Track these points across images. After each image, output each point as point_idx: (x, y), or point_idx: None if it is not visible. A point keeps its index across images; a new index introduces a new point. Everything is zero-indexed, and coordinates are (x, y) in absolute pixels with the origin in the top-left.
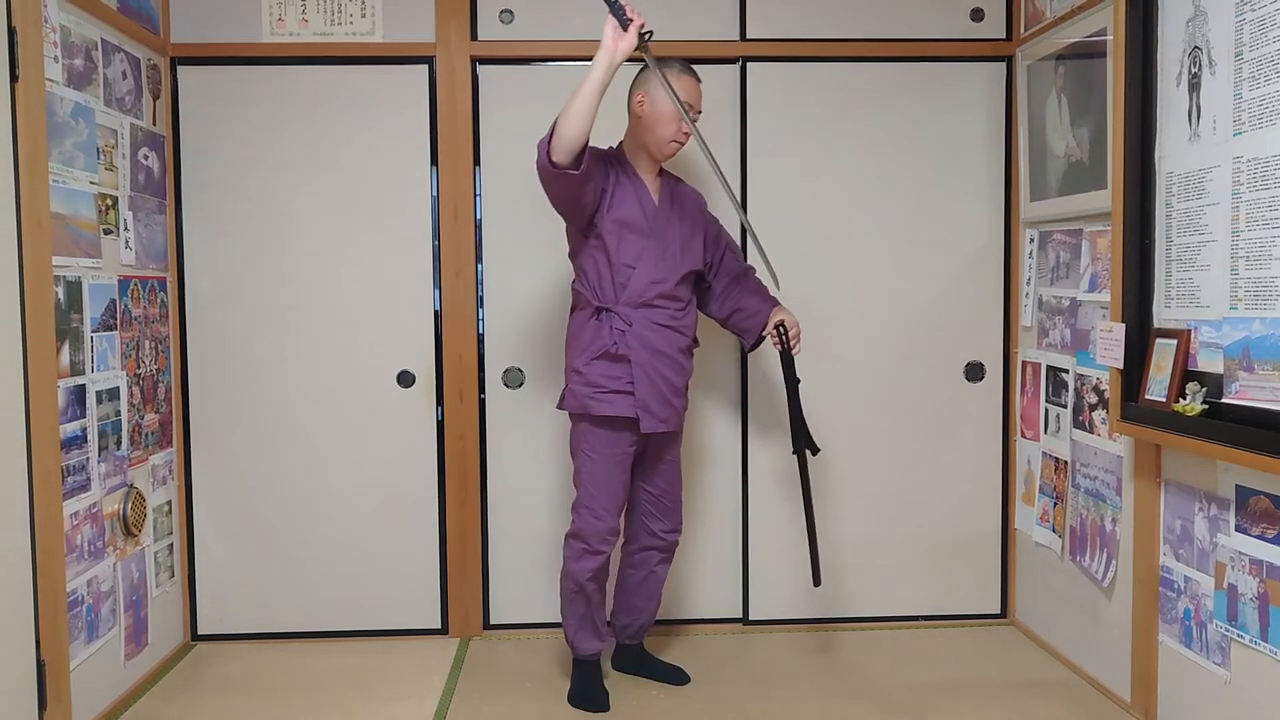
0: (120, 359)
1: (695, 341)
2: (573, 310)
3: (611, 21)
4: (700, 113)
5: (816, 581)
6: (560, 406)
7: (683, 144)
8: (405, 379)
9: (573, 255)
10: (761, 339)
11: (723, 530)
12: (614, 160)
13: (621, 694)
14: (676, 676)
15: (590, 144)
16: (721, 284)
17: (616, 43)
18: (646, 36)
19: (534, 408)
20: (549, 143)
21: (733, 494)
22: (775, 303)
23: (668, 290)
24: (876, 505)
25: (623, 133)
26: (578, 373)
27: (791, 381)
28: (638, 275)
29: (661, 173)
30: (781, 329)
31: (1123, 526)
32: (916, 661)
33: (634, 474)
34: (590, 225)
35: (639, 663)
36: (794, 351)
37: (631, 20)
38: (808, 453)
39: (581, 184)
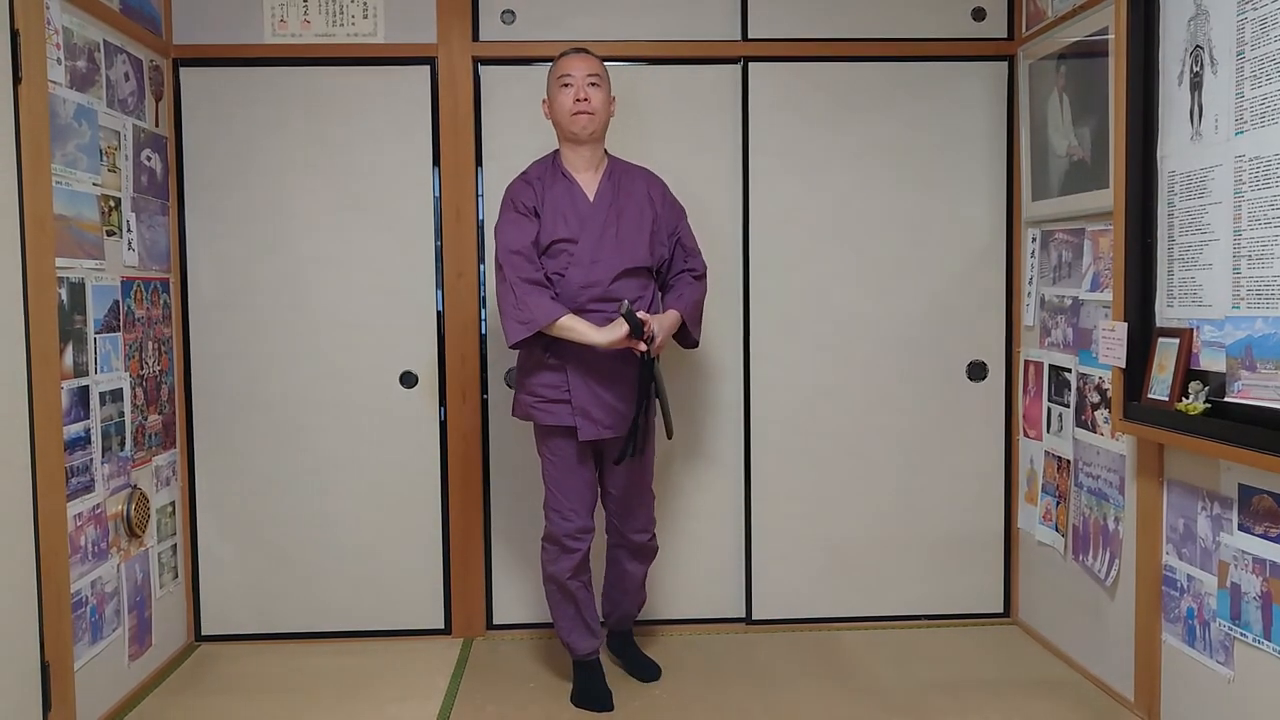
0: (123, 360)
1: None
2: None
3: (625, 329)
4: (594, 75)
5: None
6: (513, 415)
7: (585, 110)
8: (408, 379)
9: None
10: (691, 338)
11: (725, 530)
12: (543, 174)
13: (625, 694)
14: (646, 672)
15: (522, 180)
16: (672, 279)
17: (619, 340)
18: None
19: None
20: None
21: (735, 493)
22: (673, 309)
23: (601, 293)
24: (879, 505)
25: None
26: (522, 383)
27: (654, 379)
28: (568, 281)
29: (610, 171)
30: (631, 313)
31: (1125, 526)
32: (919, 661)
33: (600, 474)
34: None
35: (620, 650)
36: (651, 354)
37: (643, 345)
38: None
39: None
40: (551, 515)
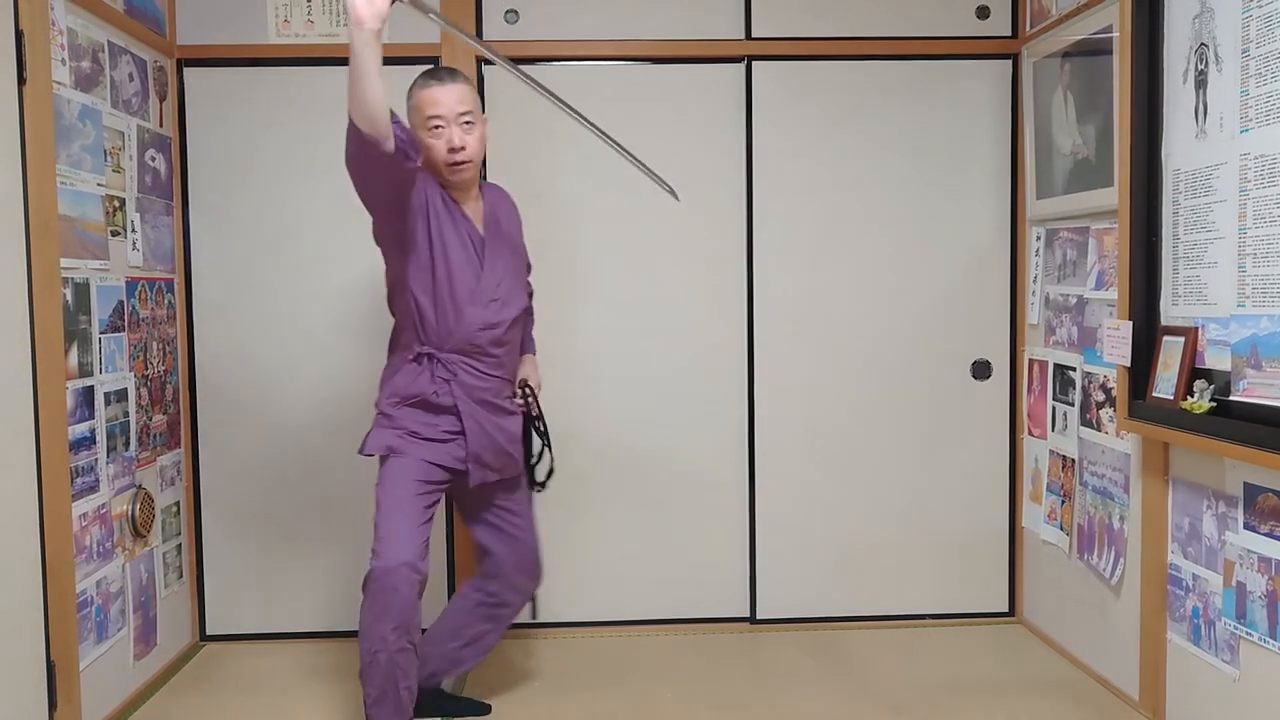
0: (128, 360)
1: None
2: (390, 348)
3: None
4: (468, 113)
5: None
6: (361, 452)
7: (463, 160)
8: None
9: (393, 287)
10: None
11: (729, 529)
12: (432, 182)
13: (627, 693)
14: (478, 709)
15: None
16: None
17: (365, 6)
18: None
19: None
20: (354, 140)
21: (739, 493)
22: (530, 352)
23: (500, 335)
24: (884, 504)
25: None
26: (386, 416)
27: (543, 436)
28: (467, 319)
29: (485, 196)
30: (526, 388)
31: (1130, 524)
32: (924, 660)
33: (476, 526)
34: (412, 245)
35: (439, 706)
36: (534, 412)
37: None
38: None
39: (411, 178)
40: (376, 553)
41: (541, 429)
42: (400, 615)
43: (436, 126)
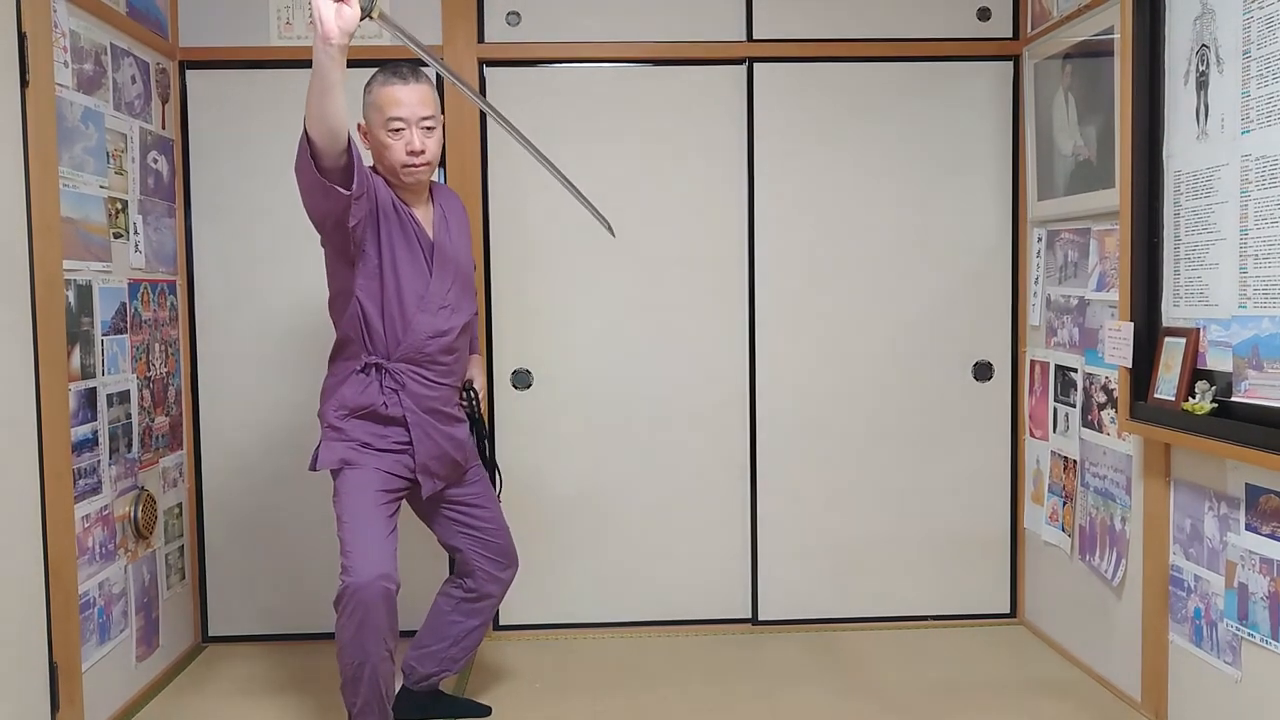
0: (130, 362)
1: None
2: (333, 357)
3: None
4: (429, 119)
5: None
6: (314, 468)
7: (420, 164)
8: None
9: (337, 295)
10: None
11: (731, 530)
12: (382, 185)
13: (629, 693)
14: (478, 710)
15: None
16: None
17: (334, 21)
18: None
19: (542, 409)
20: (308, 153)
21: (741, 494)
22: (475, 353)
23: (449, 343)
24: (886, 505)
25: None
26: (333, 428)
27: (481, 434)
28: (417, 327)
29: (434, 198)
30: (470, 390)
31: (1132, 526)
32: (926, 661)
33: (439, 524)
34: (360, 254)
35: (433, 708)
36: (475, 415)
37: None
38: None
39: (347, 205)
40: (344, 560)
41: (484, 433)
42: (379, 628)
43: (397, 129)
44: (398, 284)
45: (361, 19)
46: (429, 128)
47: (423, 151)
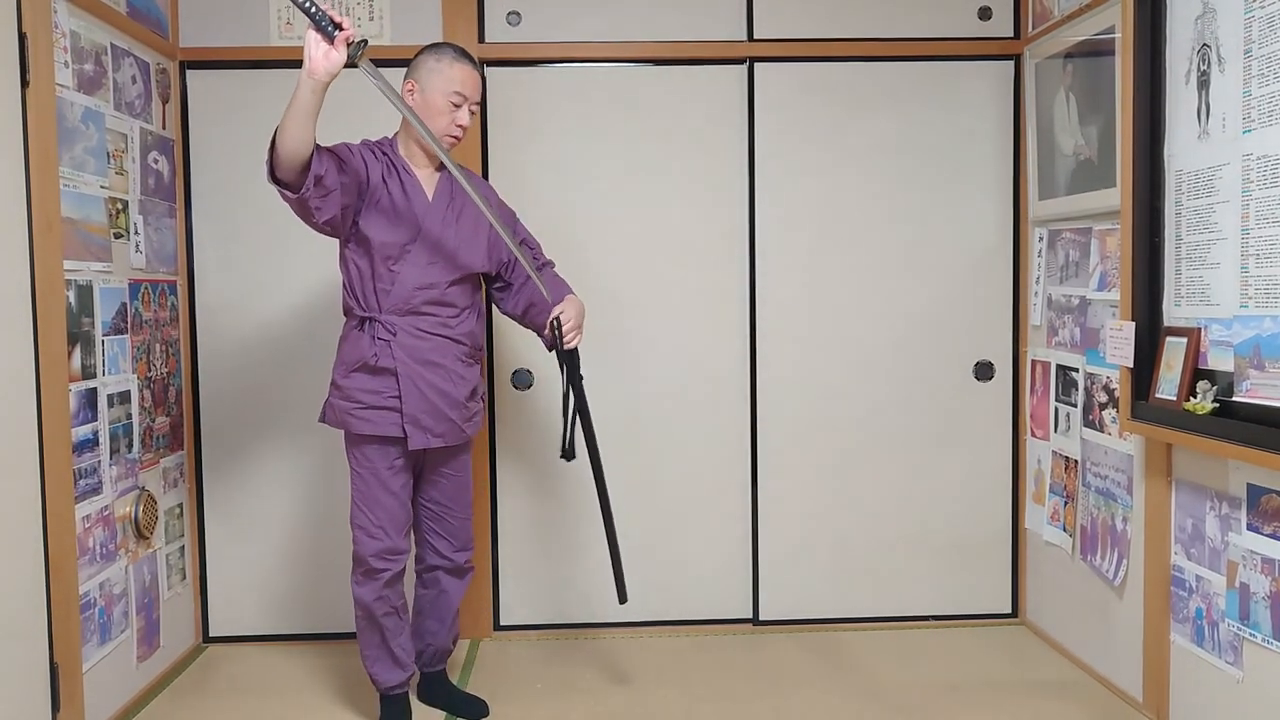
0: (131, 362)
1: (480, 349)
2: (344, 324)
3: (313, 34)
4: (478, 104)
5: (622, 599)
6: (321, 420)
7: (458, 139)
8: None
9: (339, 259)
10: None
11: (732, 531)
12: (383, 153)
13: (629, 693)
14: (475, 708)
15: (356, 142)
16: (520, 280)
17: (321, 60)
18: (359, 48)
19: (543, 409)
20: (270, 160)
21: (742, 494)
22: (566, 294)
23: (437, 296)
24: (887, 505)
25: None
26: (336, 386)
27: (573, 379)
28: (402, 279)
29: (442, 166)
30: (555, 323)
31: (1134, 526)
32: (927, 662)
33: (415, 487)
34: (353, 230)
35: (438, 695)
36: (566, 345)
37: (340, 29)
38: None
39: (304, 206)
40: (357, 533)
41: (569, 367)
42: (377, 588)
43: (456, 104)
44: (381, 242)
45: (345, 65)
46: (473, 110)
47: (464, 128)
